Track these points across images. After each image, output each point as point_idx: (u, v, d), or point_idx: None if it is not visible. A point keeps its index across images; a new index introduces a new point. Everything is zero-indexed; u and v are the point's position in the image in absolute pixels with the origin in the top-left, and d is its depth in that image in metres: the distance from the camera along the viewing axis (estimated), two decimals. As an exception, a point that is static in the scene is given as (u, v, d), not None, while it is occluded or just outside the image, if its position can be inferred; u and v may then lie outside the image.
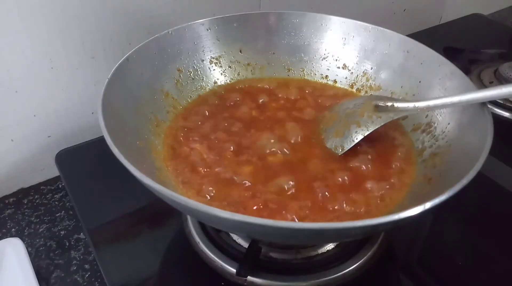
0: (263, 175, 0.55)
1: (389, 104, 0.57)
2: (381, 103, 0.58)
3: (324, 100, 0.69)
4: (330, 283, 0.55)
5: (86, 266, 0.63)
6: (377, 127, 0.56)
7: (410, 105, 0.56)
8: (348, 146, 0.57)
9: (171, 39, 0.67)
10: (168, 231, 0.63)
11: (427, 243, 0.64)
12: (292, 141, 0.60)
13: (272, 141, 0.60)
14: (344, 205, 0.51)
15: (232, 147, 0.59)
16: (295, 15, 0.74)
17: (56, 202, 0.74)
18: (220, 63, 0.73)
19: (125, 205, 0.66)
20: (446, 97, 0.54)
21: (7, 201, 0.74)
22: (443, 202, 0.40)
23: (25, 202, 0.73)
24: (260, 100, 0.69)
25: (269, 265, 0.56)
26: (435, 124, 0.60)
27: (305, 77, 0.75)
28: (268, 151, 0.58)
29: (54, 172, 0.76)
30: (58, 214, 0.71)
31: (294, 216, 0.49)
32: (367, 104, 0.59)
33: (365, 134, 0.56)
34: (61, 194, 0.75)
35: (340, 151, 0.57)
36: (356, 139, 0.56)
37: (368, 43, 0.71)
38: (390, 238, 0.61)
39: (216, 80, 0.72)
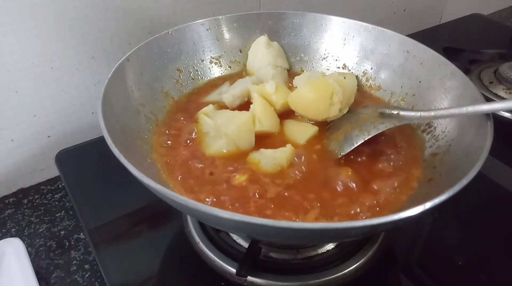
0: (263, 177, 0.55)
1: (395, 112, 0.57)
2: (387, 111, 0.58)
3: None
4: (330, 283, 0.55)
5: (86, 266, 0.63)
6: (378, 132, 0.56)
7: (416, 114, 0.56)
8: (348, 149, 0.57)
9: (171, 39, 0.67)
10: (168, 231, 0.63)
11: (427, 243, 0.64)
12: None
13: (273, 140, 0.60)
14: (348, 205, 0.51)
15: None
16: (295, 15, 0.74)
17: (56, 202, 0.74)
18: (220, 63, 0.73)
19: (125, 205, 0.66)
20: (452, 108, 0.55)
21: (7, 201, 0.74)
22: (443, 202, 0.40)
23: (25, 202, 0.74)
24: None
25: (269, 265, 0.56)
26: (435, 124, 0.60)
27: (305, 77, 0.75)
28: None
29: (54, 172, 0.76)
30: (58, 214, 0.71)
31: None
32: (373, 111, 0.59)
33: (366, 139, 0.56)
34: (61, 194, 0.75)
35: (340, 154, 0.57)
36: (356, 143, 0.56)
37: (368, 43, 0.71)
38: (390, 238, 0.61)
39: (216, 80, 0.73)
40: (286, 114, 0.64)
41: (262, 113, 0.59)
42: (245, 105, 0.65)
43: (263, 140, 0.59)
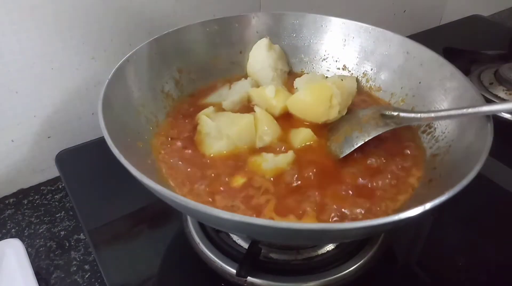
0: (263, 180, 0.54)
1: (395, 113, 0.58)
2: (387, 112, 0.58)
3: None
4: (330, 284, 0.55)
5: (86, 267, 0.63)
6: (378, 134, 0.56)
7: (417, 115, 0.56)
8: (348, 150, 0.57)
9: (171, 40, 0.67)
10: (168, 231, 0.63)
11: (427, 243, 0.64)
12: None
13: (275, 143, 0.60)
14: (348, 205, 0.51)
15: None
16: (295, 16, 0.74)
17: (56, 203, 0.74)
18: (220, 64, 0.73)
19: (125, 205, 0.66)
20: (452, 110, 0.55)
21: (7, 202, 0.74)
22: (443, 202, 0.40)
23: (25, 203, 0.74)
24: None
25: (269, 266, 0.56)
26: (435, 125, 0.60)
27: (305, 78, 0.75)
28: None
29: (54, 172, 0.76)
30: (58, 215, 0.71)
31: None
32: (373, 113, 0.59)
33: (366, 140, 0.56)
34: (61, 195, 0.75)
35: (340, 155, 0.57)
36: (356, 144, 0.56)
37: (368, 44, 0.71)
38: (390, 238, 0.61)
39: (216, 81, 0.72)
40: (286, 117, 0.64)
41: (263, 131, 0.59)
42: (245, 106, 0.65)
43: None
